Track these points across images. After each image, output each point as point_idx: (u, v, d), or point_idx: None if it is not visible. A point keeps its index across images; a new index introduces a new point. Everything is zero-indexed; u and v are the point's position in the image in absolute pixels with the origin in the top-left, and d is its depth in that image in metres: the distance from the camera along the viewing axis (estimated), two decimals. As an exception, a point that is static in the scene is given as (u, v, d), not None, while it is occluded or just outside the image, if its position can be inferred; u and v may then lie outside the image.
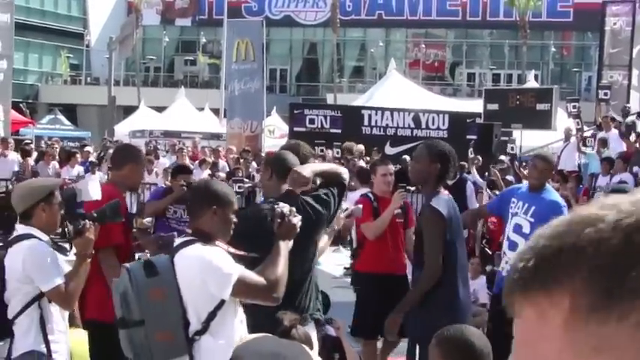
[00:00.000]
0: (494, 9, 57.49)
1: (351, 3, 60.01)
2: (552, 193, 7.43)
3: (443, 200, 5.73)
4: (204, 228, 4.22)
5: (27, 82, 59.23)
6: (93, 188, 5.35)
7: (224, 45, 35.73)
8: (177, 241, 4.32)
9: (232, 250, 4.22)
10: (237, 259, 4.22)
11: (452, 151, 5.83)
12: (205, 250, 4.13)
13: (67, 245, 5.07)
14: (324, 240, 5.63)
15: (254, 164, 20.66)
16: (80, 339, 5.63)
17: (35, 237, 4.77)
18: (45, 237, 4.83)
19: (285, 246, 4.41)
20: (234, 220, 4.29)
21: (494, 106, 21.90)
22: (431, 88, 49.73)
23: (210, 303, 4.09)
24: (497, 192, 13.01)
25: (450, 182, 13.70)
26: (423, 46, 60.36)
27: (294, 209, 4.51)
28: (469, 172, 15.71)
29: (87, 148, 21.76)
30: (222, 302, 4.09)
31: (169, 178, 11.19)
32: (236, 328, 4.14)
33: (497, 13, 57.53)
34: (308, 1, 62.08)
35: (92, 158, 20.77)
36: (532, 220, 7.10)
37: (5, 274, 4.77)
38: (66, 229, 5.47)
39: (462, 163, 16.05)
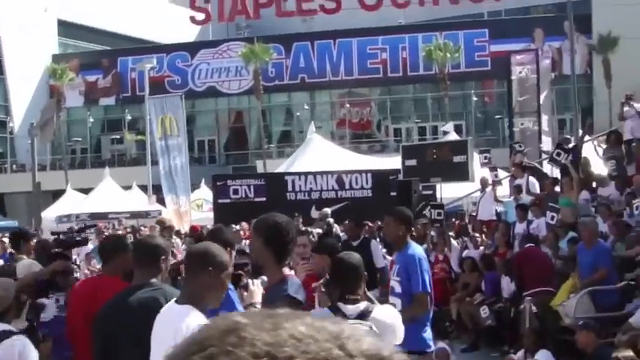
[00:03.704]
0: (414, 64, 58.09)
1: (274, 69, 60.21)
2: (411, 247, 7.20)
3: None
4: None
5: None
6: None
7: (147, 121, 35.54)
8: None
9: None
10: None
11: (289, 221, 5.11)
12: None
13: None
14: None
15: (177, 241, 20.38)
16: None
17: None
18: None
19: None
20: None
21: (413, 162, 21.98)
22: (358, 147, 50.12)
23: None
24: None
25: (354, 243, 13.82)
26: (348, 105, 60.80)
27: None
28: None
29: (4, 239, 21.00)
30: None
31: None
32: None
33: (417, 68, 58.14)
34: (230, 71, 62.31)
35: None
36: (398, 279, 7.07)
37: None
38: None
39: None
